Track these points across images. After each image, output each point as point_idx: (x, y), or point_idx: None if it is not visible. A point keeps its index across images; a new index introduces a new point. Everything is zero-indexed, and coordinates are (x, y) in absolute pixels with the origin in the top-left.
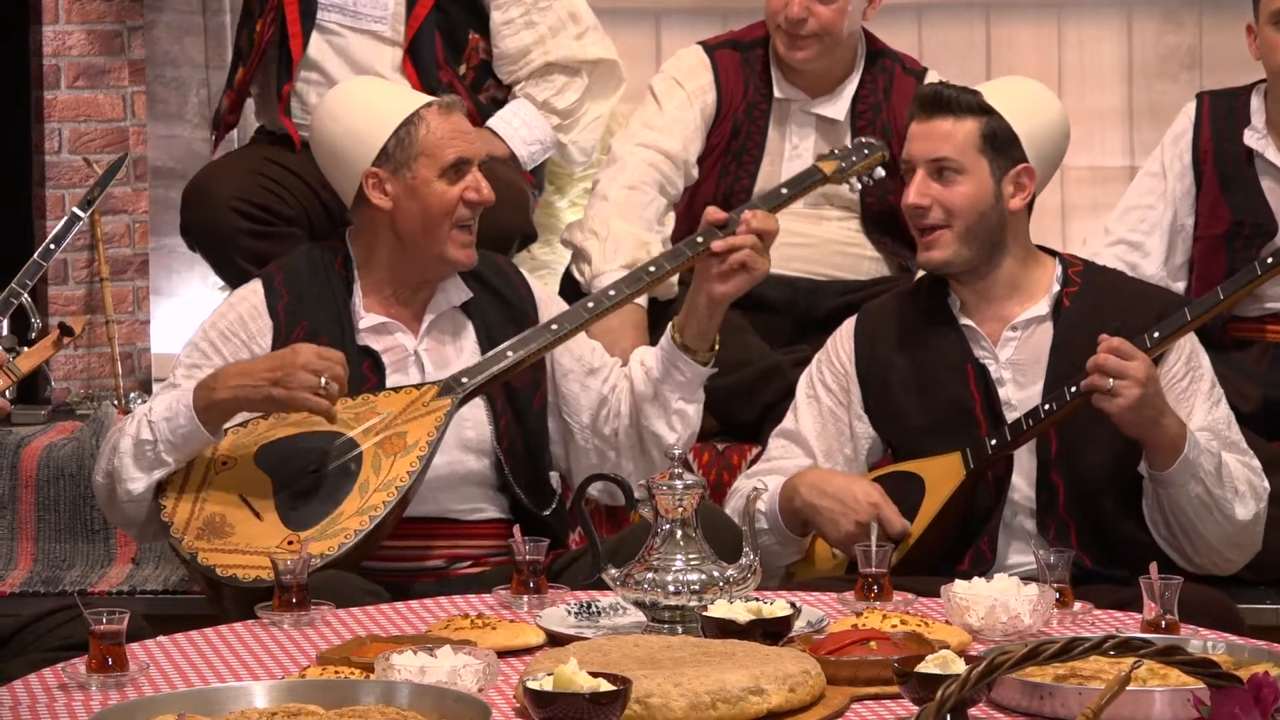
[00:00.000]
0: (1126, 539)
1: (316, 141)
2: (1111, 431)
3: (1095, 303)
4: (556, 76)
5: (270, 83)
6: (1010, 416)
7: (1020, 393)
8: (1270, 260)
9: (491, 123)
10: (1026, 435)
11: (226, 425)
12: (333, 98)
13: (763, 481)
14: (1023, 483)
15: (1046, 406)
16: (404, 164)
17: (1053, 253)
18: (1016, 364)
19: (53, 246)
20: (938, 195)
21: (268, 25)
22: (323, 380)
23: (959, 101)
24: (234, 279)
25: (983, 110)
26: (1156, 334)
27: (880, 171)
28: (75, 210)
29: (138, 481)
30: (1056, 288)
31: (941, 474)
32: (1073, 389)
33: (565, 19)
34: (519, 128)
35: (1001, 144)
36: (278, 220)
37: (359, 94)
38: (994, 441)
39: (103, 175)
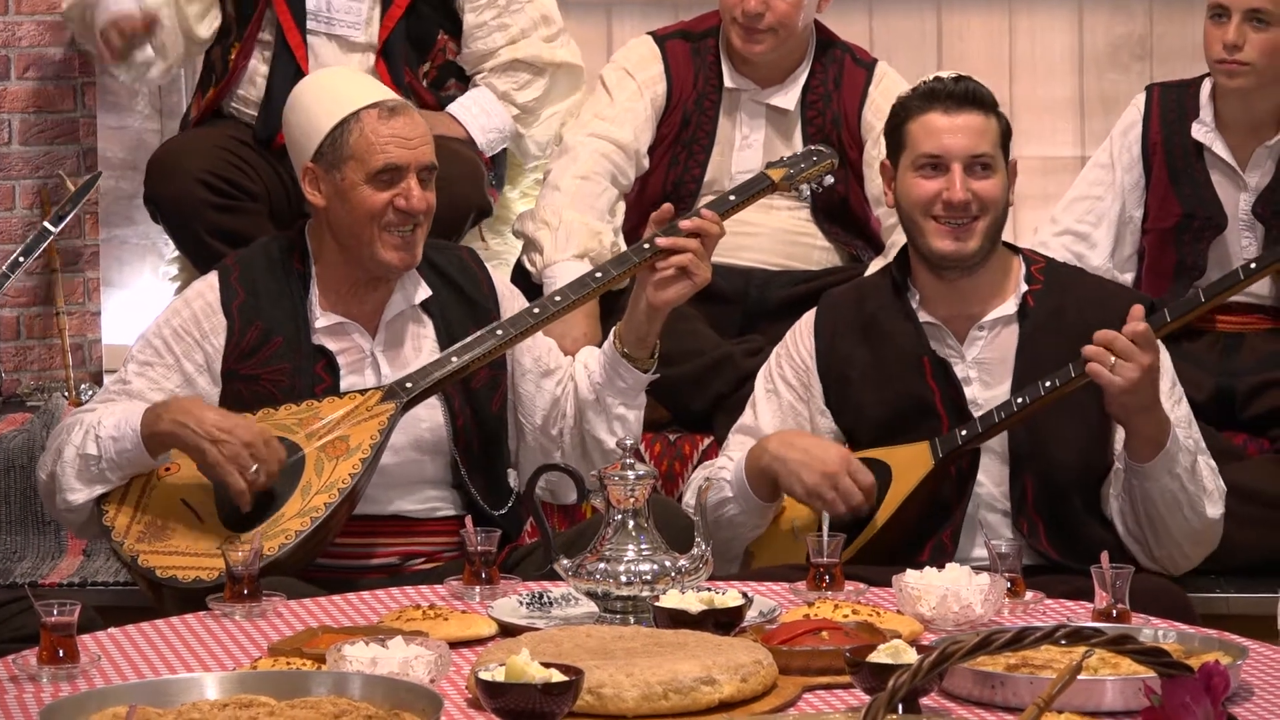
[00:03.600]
0: (1092, 537)
1: (284, 129)
2: (1078, 433)
3: (1059, 302)
4: (521, 73)
5: (266, 90)
6: (977, 415)
7: (987, 392)
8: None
9: (451, 108)
10: (997, 428)
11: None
12: (298, 87)
13: (729, 457)
14: (990, 482)
15: (1019, 400)
16: (335, 164)
17: (1014, 249)
18: (983, 363)
19: (21, 259)
20: (975, 189)
21: (246, 49)
22: (254, 468)
23: (987, 98)
24: (196, 253)
25: (996, 107)
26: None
27: (829, 179)
28: (46, 225)
29: (78, 494)
30: (1024, 287)
31: (909, 462)
32: (1046, 384)
33: (537, 20)
34: (478, 115)
35: (1007, 140)
36: (243, 196)
37: (315, 86)
38: (964, 433)
39: (75, 192)
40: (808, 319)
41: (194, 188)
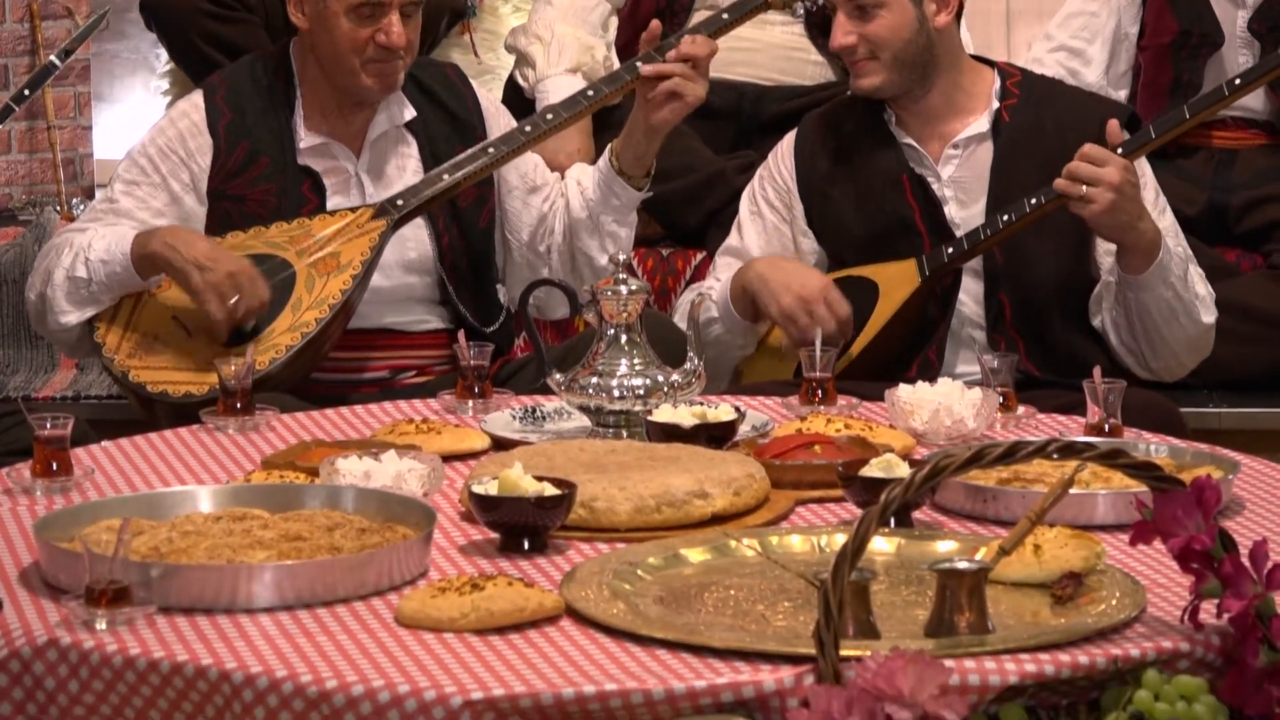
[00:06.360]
0: (1073, 352)
1: None
2: (1056, 249)
3: (1035, 117)
4: None
5: None
6: (956, 234)
7: (963, 211)
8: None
9: None
10: (984, 244)
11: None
12: None
13: (716, 279)
14: (970, 300)
15: (1005, 217)
16: None
17: (990, 63)
18: (959, 182)
19: (27, 92)
20: (862, 32)
21: None
22: (235, 298)
23: None
24: (189, 62)
25: None
26: (1122, 148)
27: None
28: (53, 59)
29: (69, 315)
30: (996, 102)
31: (896, 280)
32: (1033, 200)
33: None
34: None
35: None
36: (238, 6)
37: None
38: (950, 250)
39: (83, 28)
40: (788, 140)
41: None
